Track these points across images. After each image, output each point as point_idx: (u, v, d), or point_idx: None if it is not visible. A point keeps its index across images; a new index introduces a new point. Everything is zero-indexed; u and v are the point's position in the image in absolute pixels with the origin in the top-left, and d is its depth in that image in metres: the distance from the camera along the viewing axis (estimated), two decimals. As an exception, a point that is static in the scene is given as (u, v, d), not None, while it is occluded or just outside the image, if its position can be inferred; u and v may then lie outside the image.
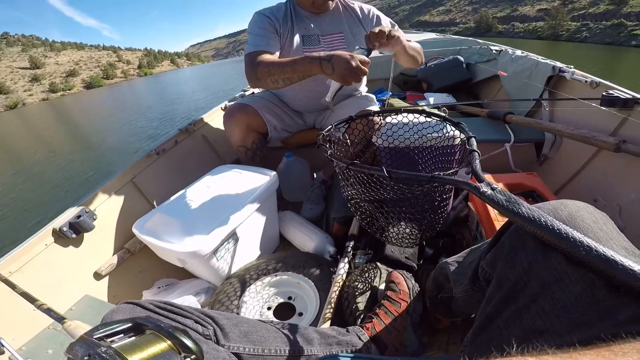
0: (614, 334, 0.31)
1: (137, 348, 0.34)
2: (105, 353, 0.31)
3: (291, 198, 1.65)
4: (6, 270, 0.97)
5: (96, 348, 0.31)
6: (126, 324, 0.38)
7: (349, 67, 1.00)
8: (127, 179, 1.39)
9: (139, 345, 0.34)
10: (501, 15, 65.61)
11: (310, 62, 1.08)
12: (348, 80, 1.02)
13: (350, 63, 1.00)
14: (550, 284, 0.40)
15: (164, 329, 0.37)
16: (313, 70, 1.09)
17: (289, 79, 1.16)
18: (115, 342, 0.35)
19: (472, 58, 2.69)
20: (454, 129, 0.85)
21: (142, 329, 0.38)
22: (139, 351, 0.33)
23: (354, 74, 1.00)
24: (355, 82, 1.02)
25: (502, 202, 0.46)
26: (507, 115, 1.58)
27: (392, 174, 0.60)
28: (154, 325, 0.38)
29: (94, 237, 1.19)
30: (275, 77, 1.17)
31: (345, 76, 1.01)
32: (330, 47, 1.37)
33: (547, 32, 39.58)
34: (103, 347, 0.32)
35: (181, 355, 0.35)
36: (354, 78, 1.01)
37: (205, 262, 1.02)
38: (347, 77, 1.02)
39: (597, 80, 1.44)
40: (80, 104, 38.32)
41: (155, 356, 0.34)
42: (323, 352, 0.70)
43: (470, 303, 0.69)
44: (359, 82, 1.03)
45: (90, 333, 0.35)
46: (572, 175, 1.40)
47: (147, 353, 0.34)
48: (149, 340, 0.35)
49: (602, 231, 0.43)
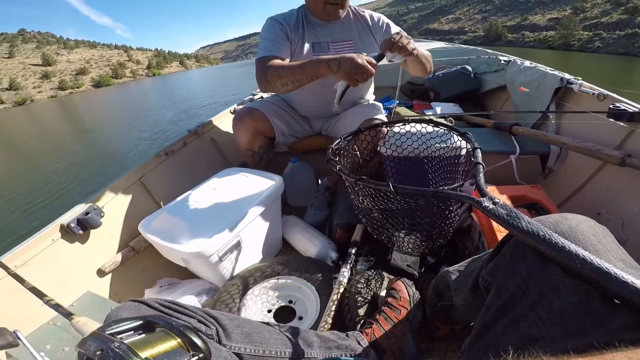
0: (606, 341, 0.32)
1: (148, 345, 0.35)
2: (118, 348, 0.32)
3: (295, 203, 1.66)
4: (12, 264, 0.99)
5: (109, 343, 0.33)
6: (137, 321, 0.39)
7: (354, 64, 1.01)
8: (135, 178, 1.41)
9: (149, 342, 0.35)
10: (511, 24, 65.16)
11: (318, 63, 1.10)
12: (354, 79, 1.03)
13: (356, 61, 1.01)
14: (548, 293, 0.42)
15: (175, 327, 0.38)
16: (321, 70, 1.10)
17: (298, 81, 1.17)
18: (126, 339, 0.36)
19: (480, 68, 2.68)
20: (461, 139, 0.86)
21: (153, 327, 0.39)
22: (150, 348, 0.34)
23: (360, 71, 1.01)
24: (361, 81, 1.03)
25: (503, 216, 0.47)
26: (514, 127, 1.58)
27: (398, 189, 0.62)
28: (165, 323, 0.39)
29: (100, 234, 1.21)
30: (285, 79, 1.19)
31: (351, 74, 1.02)
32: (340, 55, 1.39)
33: (559, 41, 39.15)
34: (116, 342, 0.33)
35: (190, 353, 0.36)
36: (359, 76, 1.02)
37: (209, 263, 1.03)
38: (352, 75, 1.02)
39: (605, 93, 1.43)
40: (88, 102, 38.47)
41: (165, 353, 0.35)
42: (322, 355, 0.71)
43: (470, 311, 0.69)
44: (364, 82, 1.03)
45: (103, 329, 0.36)
46: (577, 188, 1.40)
47: (158, 350, 0.35)
48: (160, 338, 0.36)
49: (601, 244, 0.44)
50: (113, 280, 1.19)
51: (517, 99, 2.07)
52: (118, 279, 1.20)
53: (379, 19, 1.46)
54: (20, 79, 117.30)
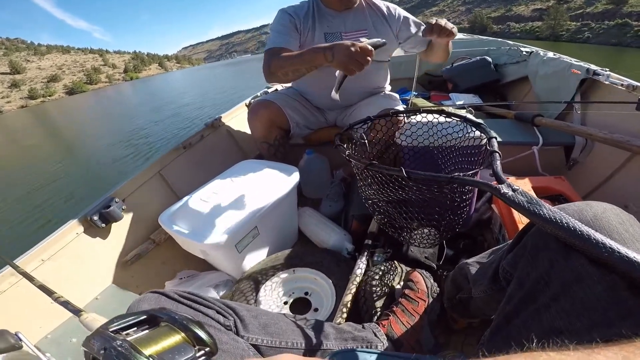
0: (635, 333, 0.30)
1: (152, 341, 0.34)
2: (121, 347, 0.31)
3: (311, 195, 1.66)
4: (38, 259, 1.01)
5: (112, 342, 0.32)
6: (141, 316, 0.39)
7: (348, 53, 0.98)
8: (155, 171, 1.44)
9: (153, 338, 0.35)
10: (495, 15, 64.05)
11: (315, 52, 1.10)
12: (349, 68, 1.00)
13: (350, 49, 0.98)
14: (572, 283, 0.40)
15: (178, 321, 0.37)
16: (317, 59, 1.10)
17: (298, 71, 1.19)
18: (130, 335, 0.36)
19: (501, 59, 2.61)
20: (475, 130, 0.84)
21: (157, 321, 0.38)
22: (154, 344, 0.34)
23: (354, 60, 0.98)
24: (357, 69, 0.99)
25: (523, 203, 0.45)
26: (536, 118, 1.53)
27: (411, 175, 0.60)
28: (168, 317, 0.38)
29: (121, 227, 1.23)
30: (285, 69, 1.20)
31: (345, 63, 0.99)
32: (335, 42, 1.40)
33: (546, 32, 37.77)
34: (119, 340, 0.32)
35: (195, 347, 0.35)
36: (354, 65, 0.99)
37: (227, 254, 1.04)
38: (347, 65, 0.99)
39: (635, 84, 1.38)
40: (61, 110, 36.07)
41: (170, 349, 0.34)
42: (339, 346, 0.71)
43: (489, 303, 0.68)
44: (361, 70, 1.00)
45: (106, 326, 0.36)
46: (603, 180, 1.34)
47: (162, 346, 0.34)
48: (164, 333, 0.36)
49: (628, 232, 0.42)
50: (134, 272, 1.22)
51: (539, 90, 2.01)
52: (139, 272, 1.22)
53: (395, 9, 1.45)
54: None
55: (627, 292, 0.36)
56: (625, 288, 0.36)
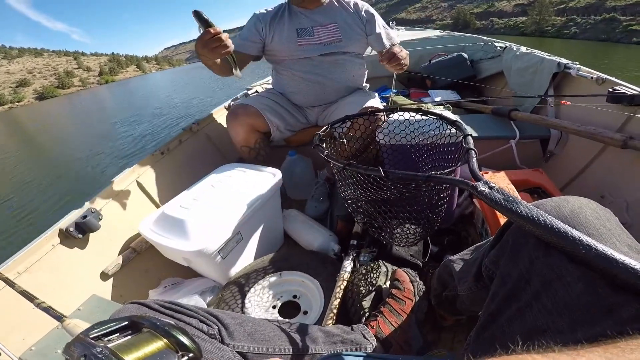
0: (618, 331, 0.30)
1: (134, 347, 0.33)
2: (101, 353, 0.30)
3: (295, 196, 1.65)
4: (14, 271, 0.98)
5: (92, 349, 0.31)
6: (123, 322, 0.38)
7: (200, 43, 1.06)
8: (132, 179, 1.40)
9: (135, 344, 0.34)
10: (478, 11, 65.13)
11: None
12: (206, 53, 1.07)
13: (201, 38, 1.05)
14: (552, 281, 0.40)
15: (160, 327, 0.36)
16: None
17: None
18: (112, 341, 0.35)
19: (477, 55, 2.67)
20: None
21: (139, 328, 0.38)
22: (135, 350, 0.33)
23: (207, 44, 1.05)
24: (217, 51, 1.06)
25: (500, 200, 0.45)
26: (512, 112, 1.57)
27: (389, 174, 0.60)
28: (150, 323, 0.37)
29: (100, 237, 1.20)
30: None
31: (204, 52, 1.08)
32: (325, 37, 1.46)
33: (531, 27, 37.72)
34: (99, 347, 0.31)
35: (178, 353, 0.34)
36: (210, 51, 1.06)
37: (210, 261, 1.02)
38: (205, 52, 1.07)
39: (603, 77, 1.42)
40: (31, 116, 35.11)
41: (152, 355, 0.33)
42: (327, 350, 0.70)
43: (475, 301, 0.68)
44: (222, 50, 1.07)
45: (87, 332, 0.35)
46: (579, 171, 1.39)
47: (144, 352, 0.33)
48: (146, 339, 0.35)
49: (605, 227, 0.42)
50: (117, 282, 1.18)
51: (514, 85, 2.07)
52: (122, 281, 1.19)
53: (362, 6, 1.54)
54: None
55: (608, 289, 0.36)
56: (605, 285, 0.36)
